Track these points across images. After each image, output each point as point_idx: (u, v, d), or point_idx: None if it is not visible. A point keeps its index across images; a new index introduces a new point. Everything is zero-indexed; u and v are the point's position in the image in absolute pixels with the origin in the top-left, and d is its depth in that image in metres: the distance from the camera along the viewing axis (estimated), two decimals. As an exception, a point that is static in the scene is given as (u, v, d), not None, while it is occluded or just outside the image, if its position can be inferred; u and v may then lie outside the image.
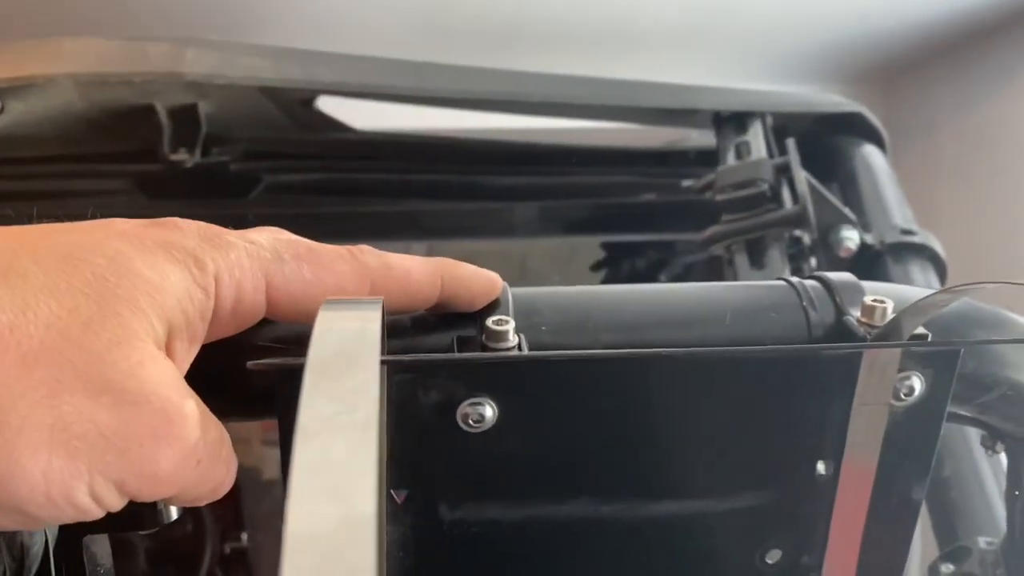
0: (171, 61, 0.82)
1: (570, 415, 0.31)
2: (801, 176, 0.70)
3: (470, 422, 0.31)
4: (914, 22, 2.26)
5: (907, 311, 0.30)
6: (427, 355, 0.29)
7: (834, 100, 0.92)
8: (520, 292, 0.34)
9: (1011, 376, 0.35)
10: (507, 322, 0.32)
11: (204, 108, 0.90)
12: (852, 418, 0.32)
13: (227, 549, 1.62)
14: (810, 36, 2.27)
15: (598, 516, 0.33)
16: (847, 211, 0.73)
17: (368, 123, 0.93)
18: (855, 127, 0.92)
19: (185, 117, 0.90)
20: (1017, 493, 0.41)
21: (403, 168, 0.97)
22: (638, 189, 1.04)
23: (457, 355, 0.31)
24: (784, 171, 0.73)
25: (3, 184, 0.95)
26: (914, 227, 0.75)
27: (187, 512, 1.76)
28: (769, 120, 0.88)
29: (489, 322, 0.31)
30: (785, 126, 0.90)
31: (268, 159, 0.98)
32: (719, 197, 0.73)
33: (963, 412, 0.37)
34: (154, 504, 0.33)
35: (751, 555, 0.35)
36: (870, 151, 0.90)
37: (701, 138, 0.99)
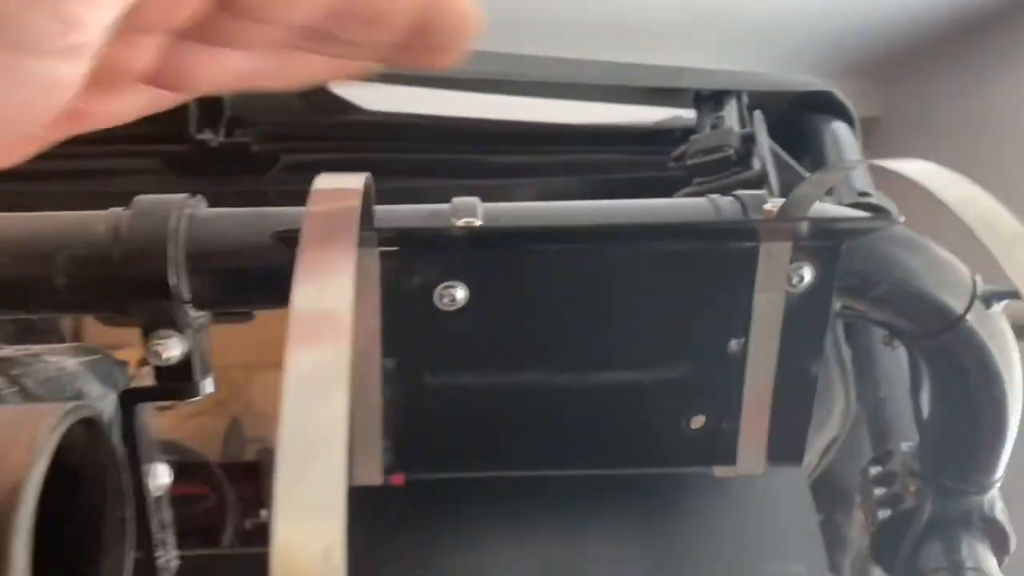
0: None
1: (525, 298, 0.39)
2: (764, 142, 0.78)
3: (445, 302, 0.39)
4: (911, 16, 2.30)
5: (788, 201, 0.38)
6: (399, 227, 0.35)
7: (806, 80, 1.00)
8: (487, 204, 0.42)
9: (894, 273, 0.42)
10: (476, 207, 0.39)
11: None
12: (755, 302, 0.40)
13: (248, 525, 1.70)
14: (809, 31, 2.32)
15: (552, 384, 0.41)
16: (808, 176, 0.80)
17: (378, 105, 1.01)
18: (826, 106, 0.99)
19: (210, 100, 0.98)
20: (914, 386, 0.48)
21: (408, 147, 1.05)
22: (629, 166, 1.11)
23: (425, 228, 0.37)
24: (751, 140, 0.81)
25: (46, 163, 1.03)
26: (871, 191, 0.82)
27: (210, 488, 1.83)
28: (744, 98, 0.95)
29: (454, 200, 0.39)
30: (763, 106, 0.97)
31: (286, 140, 1.06)
32: (689, 162, 0.80)
33: (861, 307, 0.44)
34: (191, 376, 0.41)
35: (678, 420, 0.42)
36: (838, 127, 0.97)
37: (688, 119, 1.06)
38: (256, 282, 0.40)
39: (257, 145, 1.05)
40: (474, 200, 0.41)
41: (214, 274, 0.40)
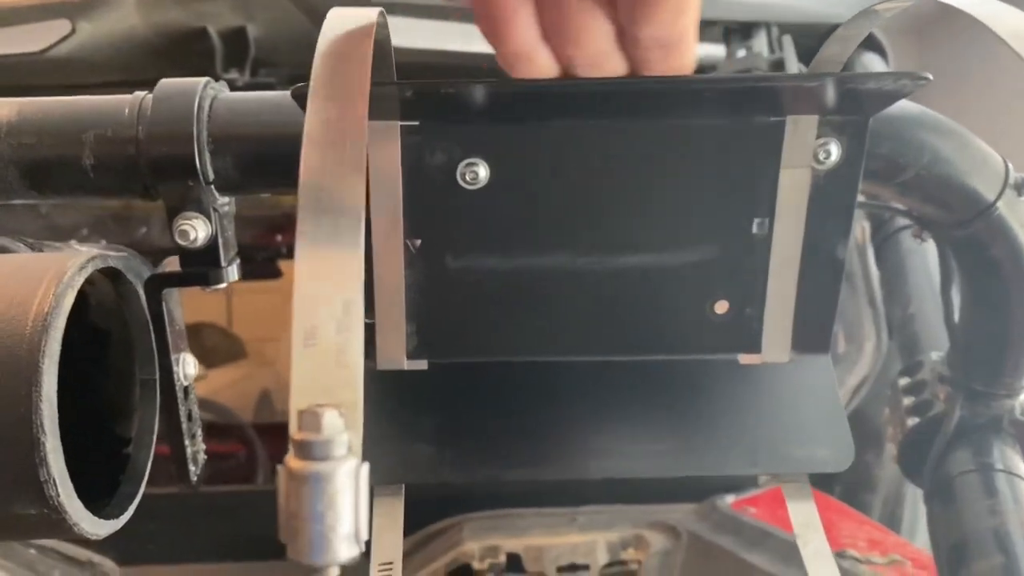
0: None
1: (547, 177, 0.39)
2: (794, 66, 0.76)
3: (467, 179, 0.39)
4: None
5: (814, 63, 0.37)
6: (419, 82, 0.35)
7: (837, 12, 0.98)
8: None
9: (922, 157, 0.42)
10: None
11: (252, 31, 0.99)
12: (780, 180, 0.39)
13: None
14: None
15: (575, 267, 0.41)
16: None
17: (402, 42, 1.01)
18: (859, 38, 0.97)
19: (235, 39, 0.99)
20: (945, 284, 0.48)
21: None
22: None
23: (447, 81, 0.36)
24: (780, 66, 0.79)
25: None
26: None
27: (241, 444, 1.87)
28: (775, 31, 0.94)
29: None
30: (796, 40, 0.95)
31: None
32: (717, 85, 0.79)
33: (888, 194, 0.43)
34: (217, 262, 0.42)
35: (702, 305, 0.42)
36: (871, 59, 0.96)
37: (717, 55, 1.05)
38: (280, 164, 0.40)
39: (282, 86, 1.05)
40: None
41: (237, 155, 0.40)
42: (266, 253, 1.46)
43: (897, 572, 0.75)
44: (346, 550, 0.18)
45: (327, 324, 0.17)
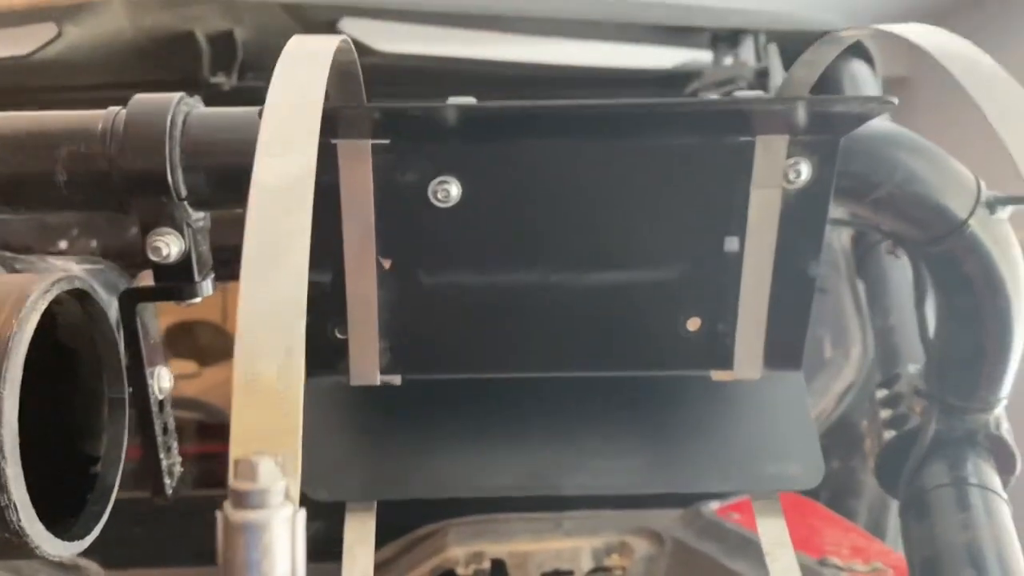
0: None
1: (519, 195, 0.39)
2: (778, 74, 0.77)
3: (439, 197, 0.39)
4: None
5: (782, 86, 0.37)
6: (389, 106, 0.35)
7: (824, 19, 0.98)
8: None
9: (895, 175, 0.42)
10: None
11: (240, 35, 0.99)
12: (751, 199, 0.39)
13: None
14: (835, -13, 2.27)
15: (547, 284, 0.41)
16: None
17: (391, 47, 1.01)
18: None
19: (222, 43, 0.99)
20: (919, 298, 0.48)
21: (421, 90, 1.05)
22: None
23: (416, 106, 0.36)
24: (765, 75, 0.80)
25: (62, 110, 1.04)
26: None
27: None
28: (762, 38, 0.94)
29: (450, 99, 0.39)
30: (783, 48, 0.96)
31: (299, 84, 1.06)
32: (701, 94, 0.79)
33: (862, 212, 0.44)
34: (191, 276, 0.42)
35: (674, 322, 0.42)
36: (858, 67, 0.96)
37: (704, 62, 1.05)
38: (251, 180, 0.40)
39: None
40: (469, 98, 0.41)
41: (211, 171, 0.40)
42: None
43: (878, 580, 0.75)
44: (283, 597, 0.18)
45: (269, 371, 0.17)
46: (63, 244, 1.06)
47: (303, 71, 0.26)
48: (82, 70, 0.98)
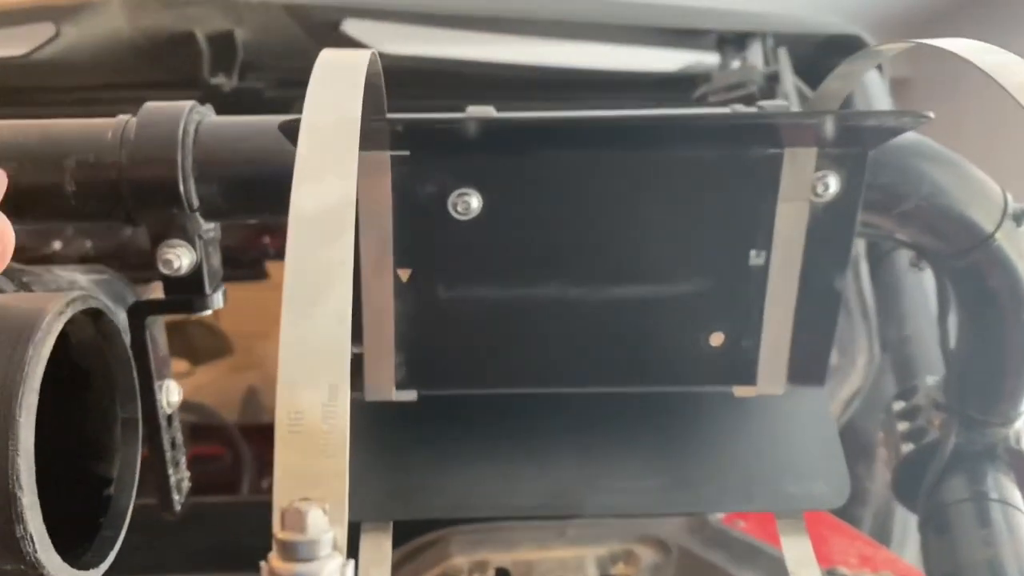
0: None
1: (540, 207, 0.38)
2: (789, 79, 0.76)
3: (459, 210, 0.38)
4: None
5: (813, 98, 0.36)
6: (409, 118, 0.34)
7: (832, 22, 0.97)
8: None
9: (922, 188, 0.41)
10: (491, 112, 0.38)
11: (240, 35, 0.97)
12: (778, 212, 0.39)
13: (264, 484, 1.71)
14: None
15: (568, 298, 0.40)
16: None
17: (394, 48, 1.00)
18: (853, 48, 0.97)
19: (222, 43, 0.97)
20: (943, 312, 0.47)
21: (425, 92, 1.04)
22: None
23: (437, 119, 0.35)
24: (775, 79, 0.79)
25: (60, 110, 1.03)
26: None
27: (228, 448, 1.85)
28: (770, 41, 0.93)
29: (469, 108, 0.38)
30: (791, 51, 0.95)
31: (300, 85, 1.05)
32: (711, 99, 0.79)
33: (887, 225, 0.43)
34: (201, 289, 0.41)
35: (697, 337, 0.41)
36: (869, 77, 0.95)
37: (711, 64, 1.04)
38: (266, 191, 0.39)
39: (271, 90, 1.03)
40: (489, 108, 0.40)
41: (223, 181, 0.39)
42: (253, 255, 1.45)
43: (888, 591, 0.74)
44: (334, 651, 0.17)
45: (313, 410, 0.16)
46: (57, 245, 1.04)
47: (338, 89, 0.25)
48: (80, 70, 0.97)
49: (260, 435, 1.82)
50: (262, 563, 0.17)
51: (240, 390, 2.16)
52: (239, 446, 1.73)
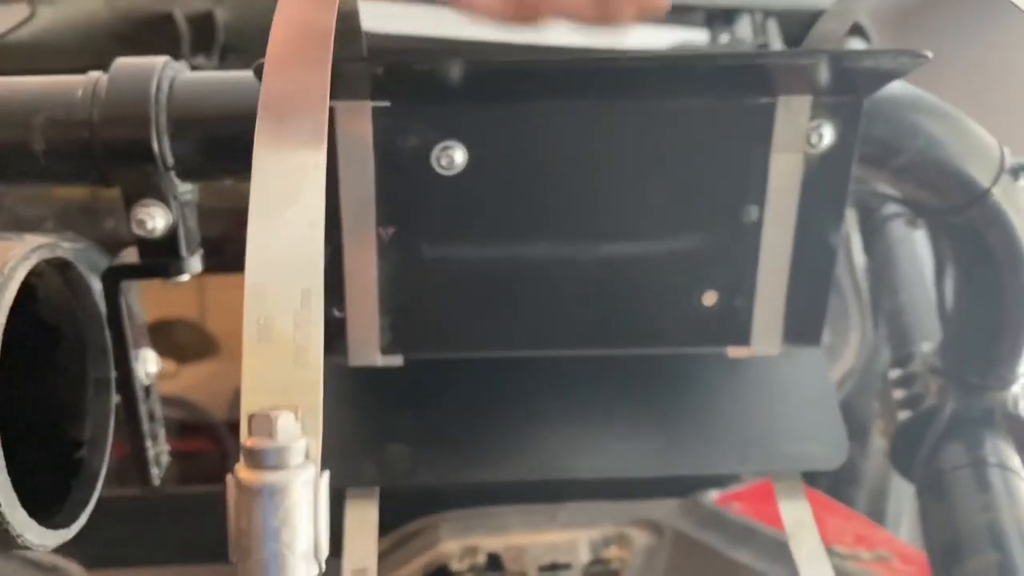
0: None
1: (527, 161, 0.37)
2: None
3: (443, 164, 0.36)
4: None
5: (808, 39, 0.35)
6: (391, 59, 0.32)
7: (820, -1, 0.96)
8: None
9: (917, 141, 0.40)
10: None
11: (220, 16, 0.96)
12: (771, 164, 0.37)
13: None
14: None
15: (556, 256, 0.39)
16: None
17: (377, 27, 0.98)
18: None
19: (202, 24, 0.96)
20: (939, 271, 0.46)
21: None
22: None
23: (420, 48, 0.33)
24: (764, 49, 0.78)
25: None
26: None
27: (215, 445, 1.84)
28: (759, 17, 0.92)
29: None
30: (781, 26, 0.94)
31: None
32: (699, 72, 0.77)
33: (882, 179, 0.42)
34: (176, 252, 0.39)
35: (689, 296, 0.40)
36: (854, 43, 0.94)
37: (700, 41, 1.03)
38: (245, 148, 0.38)
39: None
40: None
41: (199, 139, 0.38)
42: (236, 246, 1.43)
43: (883, 568, 0.73)
44: (304, 570, 0.16)
45: (283, 317, 0.15)
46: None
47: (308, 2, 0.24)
48: (57, 53, 0.95)
49: (248, 431, 1.80)
50: (228, 475, 0.16)
51: (227, 389, 2.14)
52: (225, 442, 1.71)
